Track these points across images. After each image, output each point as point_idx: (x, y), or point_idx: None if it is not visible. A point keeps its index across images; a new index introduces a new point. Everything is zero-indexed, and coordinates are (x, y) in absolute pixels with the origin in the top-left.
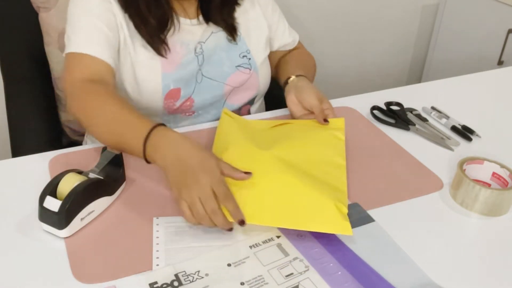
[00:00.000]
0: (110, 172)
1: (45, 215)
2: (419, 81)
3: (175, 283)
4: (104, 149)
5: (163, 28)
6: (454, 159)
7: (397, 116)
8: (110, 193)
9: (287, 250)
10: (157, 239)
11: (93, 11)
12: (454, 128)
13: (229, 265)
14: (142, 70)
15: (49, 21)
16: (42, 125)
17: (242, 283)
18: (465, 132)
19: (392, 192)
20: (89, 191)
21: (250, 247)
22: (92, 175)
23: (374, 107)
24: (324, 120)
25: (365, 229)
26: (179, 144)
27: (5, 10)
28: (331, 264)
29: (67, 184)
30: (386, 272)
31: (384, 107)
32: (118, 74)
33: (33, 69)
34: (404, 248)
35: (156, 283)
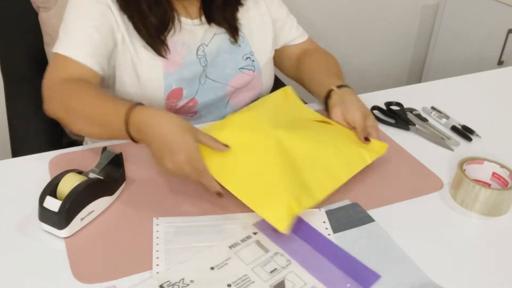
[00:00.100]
0: (110, 172)
1: (45, 215)
2: (419, 81)
3: None
4: (104, 149)
5: (164, 29)
6: (454, 159)
7: (397, 116)
8: (110, 193)
9: (267, 246)
10: (157, 239)
11: (87, 14)
12: (454, 128)
13: (213, 269)
14: (144, 70)
15: (49, 21)
16: (42, 125)
17: (229, 285)
18: (465, 132)
19: (392, 192)
20: (89, 191)
21: (230, 248)
22: (92, 175)
23: (374, 107)
24: (365, 139)
25: (365, 229)
26: (157, 122)
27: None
28: (312, 255)
29: (67, 184)
30: (386, 272)
31: (384, 107)
32: (119, 74)
33: (33, 69)
34: (404, 248)
35: None
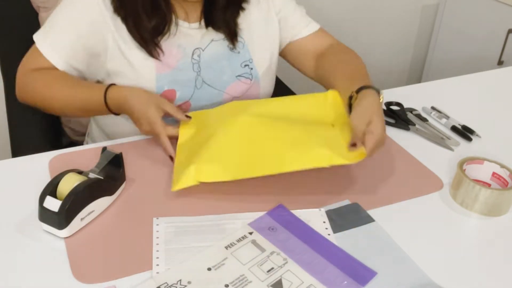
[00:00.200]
0: (110, 172)
1: (45, 215)
2: (419, 81)
3: None
4: (104, 149)
5: (159, 32)
6: (454, 159)
7: (397, 116)
8: (110, 193)
9: (263, 246)
10: (157, 239)
11: (76, 17)
12: (454, 128)
13: (209, 269)
14: (136, 70)
15: None
16: (42, 125)
17: (226, 285)
18: (465, 132)
19: (392, 192)
20: (89, 191)
21: (226, 248)
22: (92, 175)
23: None
24: (352, 145)
25: (365, 229)
26: (129, 99)
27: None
28: (307, 253)
29: (67, 184)
30: (386, 272)
31: (384, 107)
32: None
33: None
34: (404, 248)
35: None
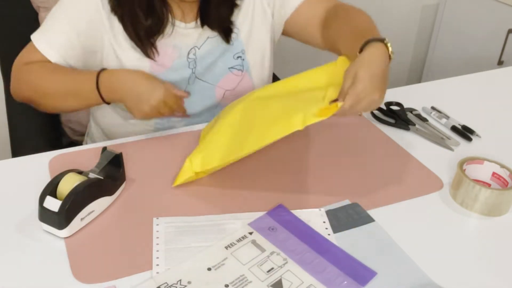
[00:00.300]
0: (110, 172)
1: (45, 215)
2: (419, 81)
3: None
4: (104, 149)
5: (155, 32)
6: (454, 159)
7: (397, 116)
8: (110, 193)
9: (263, 246)
10: (157, 239)
11: (74, 15)
12: (454, 128)
13: (209, 269)
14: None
15: None
16: (42, 125)
17: (227, 285)
18: (465, 132)
19: (392, 192)
20: (89, 191)
21: (226, 248)
22: (92, 175)
23: None
24: (333, 101)
25: (365, 229)
26: (128, 79)
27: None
28: (307, 253)
29: (67, 184)
30: (386, 272)
31: (384, 107)
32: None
33: None
34: (404, 248)
35: None
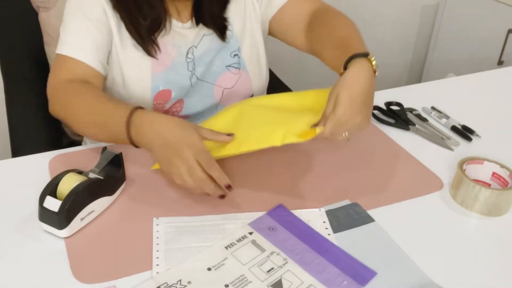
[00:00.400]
0: (110, 172)
1: (45, 215)
2: (419, 81)
3: None
4: (104, 149)
5: (154, 30)
6: (454, 159)
7: (397, 116)
8: (110, 193)
9: (263, 246)
10: (157, 239)
11: (86, 13)
12: (454, 128)
13: (209, 269)
14: (131, 70)
15: (49, 21)
16: (42, 125)
17: (226, 285)
18: (465, 132)
19: (392, 192)
20: (89, 191)
21: (226, 248)
22: (92, 175)
23: (374, 107)
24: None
25: (365, 229)
26: (159, 125)
27: (5, 10)
28: (307, 253)
29: (67, 184)
30: (386, 272)
31: (384, 107)
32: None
33: (33, 69)
34: (404, 248)
35: None
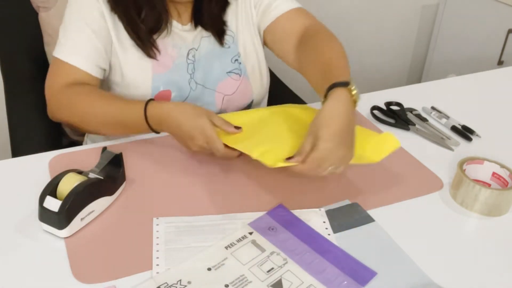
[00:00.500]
0: (110, 172)
1: (45, 215)
2: (419, 81)
3: None
4: (104, 149)
5: (155, 31)
6: (454, 159)
7: (397, 116)
8: (110, 193)
9: (263, 246)
10: (157, 239)
11: (86, 17)
12: (454, 128)
13: (209, 269)
14: (131, 70)
15: (49, 21)
16: (42, 125)
17: (226, 285)
18: (465, 132)
19: (392, 192)
20: (89, 191)
21: (226, 248)
22: (92, 175)
23: (374, 107)
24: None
25: (365, 229)
26: (176, 115)
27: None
28: (307, 253)
29: (67, 184)
30: (386, 272)
31: (384, 107)
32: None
33: (33, 69)
34: (404, 248)
35: None
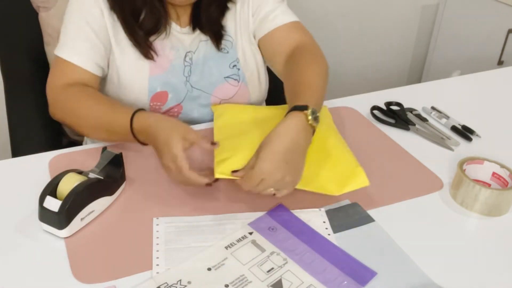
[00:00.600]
0: (110, 172)
1: (45, 215)
2: (419, 81)
3: None
4: (104, 149)
5: (153, 32)
6: (454, 159)
7: (397, 116)
8: (110, 193)
9: (263, 246)
10: (157, 239)
11: (86, 16)
12: (454, 128)
13: (209, 269)
14: (128, 70)
15: (49, 21)
16: (42, 125)
17: (226, 285)
18: (465, 132)
19: (392, 192)
20: (89, 191)
21: (226, 248)
22: (92, 175)
23: (374, 107)
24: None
25: (365, 229)
26: (154, 130)
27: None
28: (307, 253)
29: (67, 184)
30: (386, 272)
31: (384, 107)
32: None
33: (33, 69)
34: (404, 248)
35: None
